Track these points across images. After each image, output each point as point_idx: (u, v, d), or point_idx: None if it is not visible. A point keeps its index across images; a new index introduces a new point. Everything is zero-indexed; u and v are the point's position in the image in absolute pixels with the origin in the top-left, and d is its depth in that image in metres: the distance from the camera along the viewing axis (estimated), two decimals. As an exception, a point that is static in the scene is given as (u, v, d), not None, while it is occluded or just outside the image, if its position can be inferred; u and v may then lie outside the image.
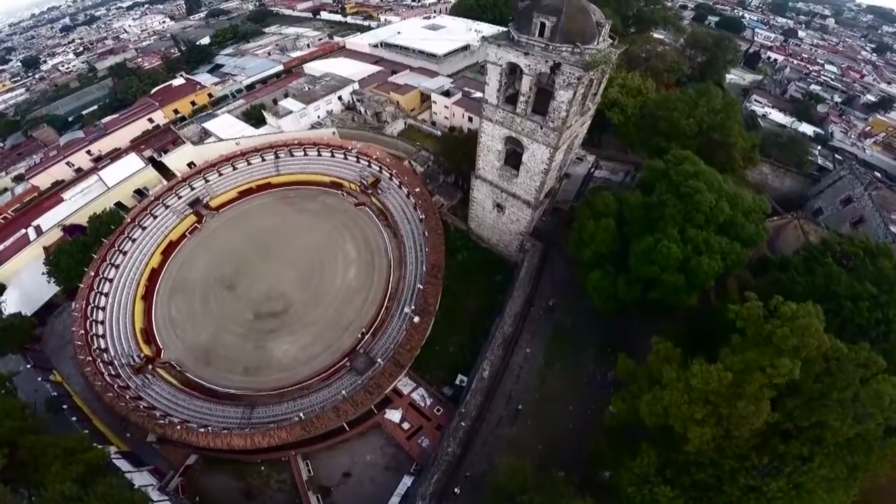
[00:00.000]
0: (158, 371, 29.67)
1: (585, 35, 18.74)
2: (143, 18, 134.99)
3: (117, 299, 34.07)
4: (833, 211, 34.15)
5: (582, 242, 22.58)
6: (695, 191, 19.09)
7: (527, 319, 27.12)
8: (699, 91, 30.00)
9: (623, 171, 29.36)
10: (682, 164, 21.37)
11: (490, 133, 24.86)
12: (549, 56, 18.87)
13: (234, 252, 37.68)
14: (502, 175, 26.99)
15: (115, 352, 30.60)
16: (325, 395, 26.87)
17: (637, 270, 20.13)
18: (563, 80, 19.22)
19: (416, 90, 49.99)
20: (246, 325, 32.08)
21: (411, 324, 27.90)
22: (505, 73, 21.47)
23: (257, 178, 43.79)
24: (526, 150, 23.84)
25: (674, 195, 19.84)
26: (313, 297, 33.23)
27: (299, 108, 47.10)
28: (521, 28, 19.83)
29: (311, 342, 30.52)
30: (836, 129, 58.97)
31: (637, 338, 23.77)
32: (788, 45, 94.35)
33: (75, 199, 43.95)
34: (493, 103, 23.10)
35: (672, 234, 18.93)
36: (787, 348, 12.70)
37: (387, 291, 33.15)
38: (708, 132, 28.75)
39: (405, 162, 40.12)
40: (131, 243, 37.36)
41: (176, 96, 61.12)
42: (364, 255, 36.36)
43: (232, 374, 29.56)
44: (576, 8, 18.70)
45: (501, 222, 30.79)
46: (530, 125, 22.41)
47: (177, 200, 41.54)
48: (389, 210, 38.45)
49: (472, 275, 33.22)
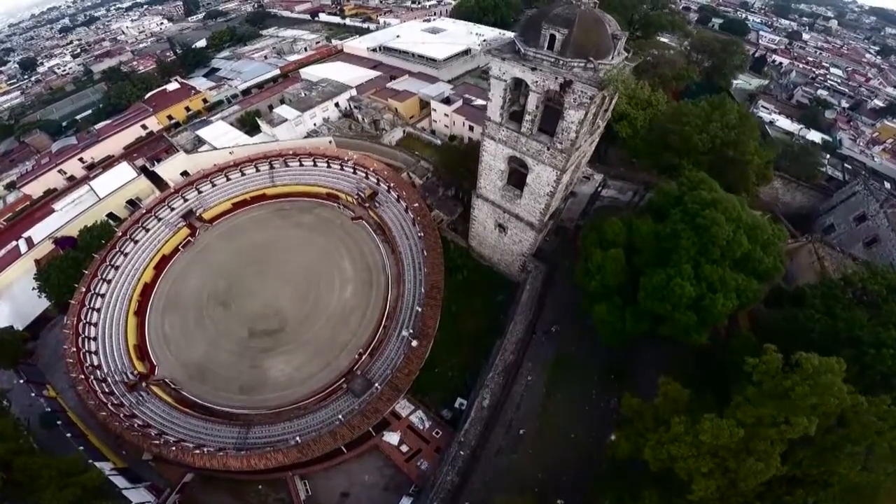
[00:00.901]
0: (153, 388, 28.62)
1: (600, 49, 16.79)
2: (141, 20, 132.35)
3: (110, 315, 32.85)
4: (846, 228, 32.26)
5: (588, 272, 21.03)
6: (712, 223, 17.35)
7: (529, 346, 25.88)
8: (713, 104, 28.01)
9: (632, 191, 27.47)
10: (698, 189, 19.54)
11: (492, 152, 22.95)
12: (560, 72, 16.93)
13: (228, 267, 36.25)
14: (505, 195, 25.13)
15: (109, 368, 29.49)
16: (322, 417, 25.90)
17: (646, 306, 18.68)
18: (574, 98, 17.30)
19: (416, 97, 47.97)
20: (241, 343, 30.92)
21: (409, 347, 26.70)
22: (510, 88, 19.54)
23: (251, 190, 41.93)
24: (531, 172, 21.97)
25: (689, 226, 18.07)
26: (309, 315, 32.02)
27: (294, 116, 45.12)
28: (528, 40, 17.85)
29: (307, 362, 29.40)
30: (845, 137, 56.94)
31: (642, 364, 23.26)
32: (793, 47, 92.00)
33: (67, 210, 42.45)
34: (496, 121, 21.18)
35: (686, 270, 17.46)
36: (804, 406, 12.12)
37: (384, 310, 31.72)
38: (722, 149, 26.80)
39: (403, 174, 38.18)
40: (123, 258, 35.92)
41: (170, 102, 59.08)
42: (361, 273, 34.76)
43: (227, 393, 28.50)
44: (589, 19, 16.72)
45: (503, 242, 28.97)
46: (536, 146, 20.53)
47: (169, 212, 39.82)
48: (387, 224, 36.63)
49: (472, 294, 31.66)
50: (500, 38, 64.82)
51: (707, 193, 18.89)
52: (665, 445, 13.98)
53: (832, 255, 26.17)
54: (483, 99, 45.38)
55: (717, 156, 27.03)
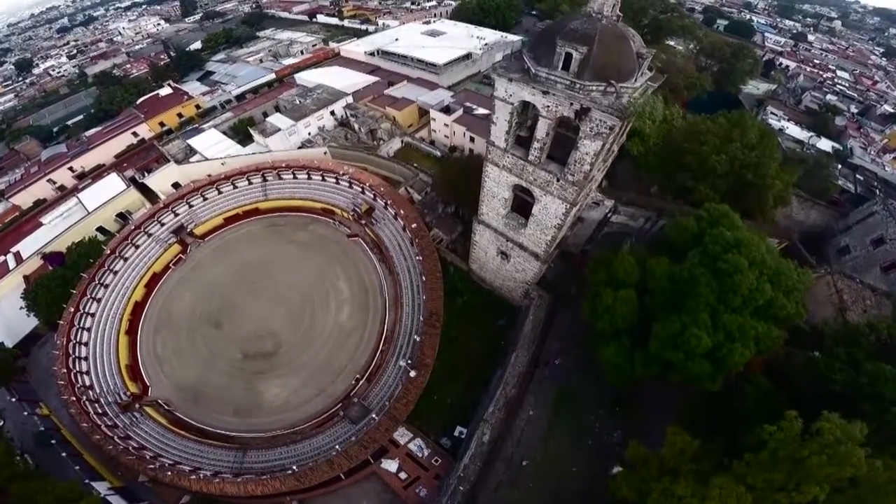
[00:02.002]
0: (146, 410, 27.53)
1: (622, 70, 14.36)
2: (138, 20, 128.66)
3: (100, 335, 31.49)
4: (862, 251, 29.82)
5: (596, 310, 19.38)
6: (734, 269, 15.62)
7: (531, 381, 24.70)
8: (732, 121, 25.57)
9: (644, 217, 25.10)
10: (719, 226, 17.66)
11: (495, 178, 20.56)
12: (576, 97, 14.51)
13: (220, 286, 34.47)
14: (508, 224, 22.80)
15: (101, 389, 28.36)
16: (319, 443, 24.96)
17: (658, 354, 17.23)
18: (591, 128, 14.91)
19: (414, 104, 45.34)
20: (235, 365, 29.63)
21: (407, 377, 25.32)
22: (517, 111, 17.08)
23: (244, 204, 39.57)
24: (537, 202, 19.62)
25: (708, 270, 16.28)
26: (304, 338, 30.55)
27: (288, 126, 42.56)
28: (539, 58, 15.36)
29: (302, 386, 28.14)
30: (856, 145, 54.26)
31: (649, 395, 22.46)
32: (799, 49, 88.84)
33: (55, 224, 40.44)
34: (501, 147, 18.78)
35: (703, 318, 15.94)
36: (819, 475, 11.71)
37: (382, 334, 30.04)
38: (741, 171, 24.43)
39: (401, 189, 35.75)
40: (113, 275, 34.16)
41: (162, 108, 56.38)
42: (358, 295, 32.86)
43: (222, 415, 27.43)
44: (612, 35, 14.24)
45: (505, 269, 26.72)
46: (544, 176, 18.18)
47: (160, 228, 37.57)
48: (384, 243, 34.34)
49: (472, 318, 29.81)
50: (501, 42, 61.98)
51: (730, 233, 16.94)
52: (669, 499, 13.53)
53: (851, 287, 24.24)
54: (485, 108, 42.83)
55: (736, 179, 24.67)
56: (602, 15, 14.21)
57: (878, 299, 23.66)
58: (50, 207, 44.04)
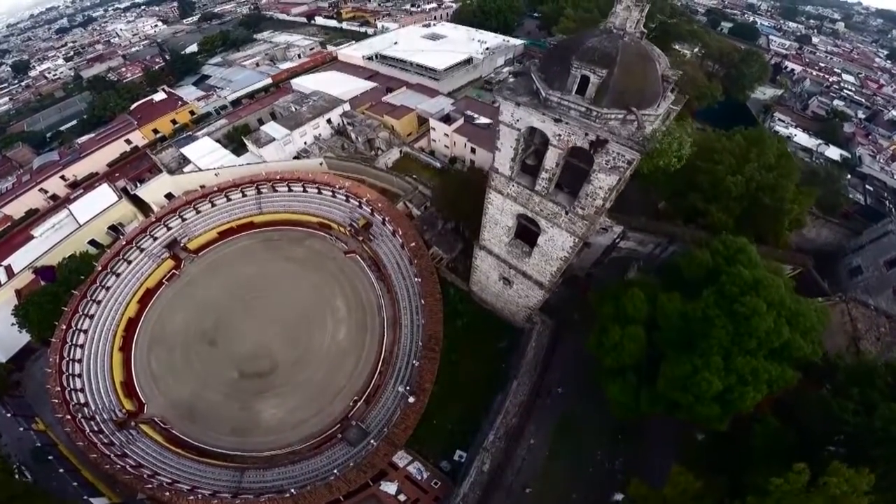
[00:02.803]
0: (142, 427, 26.84)
1: (645, 95, 12.62)
2: (136, 22, 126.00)
3: (94, 351, 30.58)
4: (874, 273, 28.38)
5: (603, 347, 18.42)
6: (752, 312, 14.71)
7: (533, 410, 24.22)
8: (750, 139, 23.76)
9: (653, 244, 23.41)
10: (736, 263, 16.54)
11: (499, 206, 18.85)
12: (592, 127, 12.76)
13: (214, 303, 33.23)
14: (511, 251, 21.12)
15: (96, 406, 27.67)
16: (317, 465, 24.40)
17: (666, 393, 16.53)
18: (607, 161, 13.18)
19: (413, 112, 43.44)
20: (231, 384, 28.82)
21: (406, 403, 24.42)
22: (523, 136, 15.31)
23: (238, 217, 37.86)
24: (543, 233, 17.95)
25: (724, 312, 15.32)
26: (301, 357, 29.58)
27: (283, 135, 40.71)
28: (550, 79, 13.53)
29: (299, 406, 27.42)
30: (865, 153, 52.38)
31: (650, 425, 21.76)
32: (804, 52, 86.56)
33: (47, 236, 39.00)
34: (506, 174, 17.02)
35: (716, 362, 15.14)
36: None
37: (380, 355, 28.92)
38: (757, 193, 22.65)
39: (400, 203, 34.00)
40: (105, 291, 32.91)
41: (156, 114, 54.43)
42: (355, 314, 31.54)
43: (219, 434, 26.82)
44: (635, 56, 12.44)
45: (507, 294, 25.13)
46: (552, 207, 16.50)
47: (152, 242, 35.97)
48: (382, 260, 32.69)
49: (472, 340, 28.66)
50: (503, 46, 59.86)
51: (748, 272, 15.75)
52: None
53: (866, 315, 22.90)
54: (486, 116, 40.92)
55: (751, 202, 22.89)
56: (624, 32, 12.38)
57: (893, 326, 22.31)
58: (41, 219, 42.52)
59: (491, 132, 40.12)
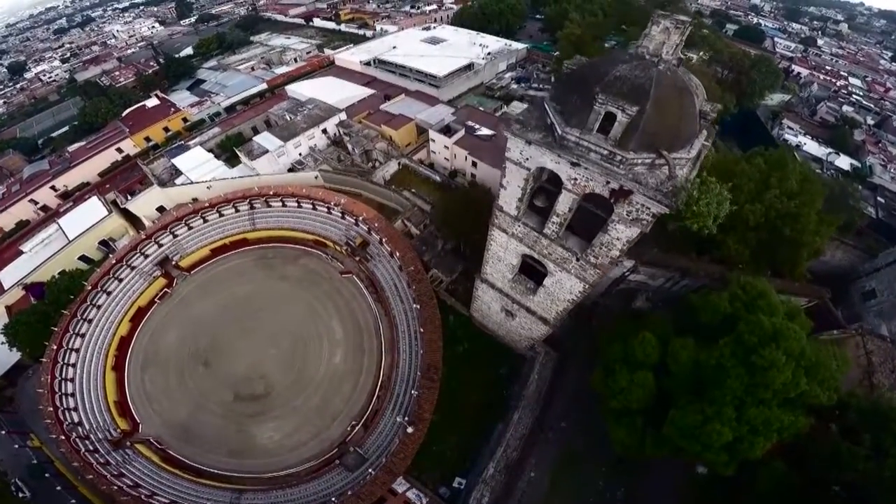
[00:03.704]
0: (137, 447, 26.02)
1: (680, 136, 10.57)
2: (133, 23, 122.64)
3: (86, 370, 29.51)
4: (889, 297, 27.06)
5: (609, 390, 17.62)
6: (770, 364, 13.75)
7: (534, 444, 23.36)
8: (771, 162, 21.67)
9: (664, 278, 21.49)
10: (756, 310, 15.49)
11: (502, 244, 16.85)
12: (615, 174, 10.70)
13: (208, 323, 31.75)
14: (515, 287, 19.24)
15: (90, 425, 26.80)
16: (315, 489, 23.76)
17: (673, 440, 15.76)
18: (629, 212, 11.19)
19: (412, 122, 41.24)
20: (226, 406, 27.83)
21: (404, 433, 23.43)
22: (533, 175, 13.27)
23: (231, 234, 35.89)
24: (550, 275, 16.05)
25: (740, 362, 14.39)
26: (297, 380, 28.41)
27: (276, 147, 38.57)
28: (568, 113, 11.30)
29: (296, 430, 26.41)
30: (875, 162, 50.13)
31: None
32: (809, 55, 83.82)
33: (36, 251, 37.39)
34: (511, 214, 14.94)
35: (727, 413, 14.36)
36: None
37: (378, 378, 27.71)
38: (776, 222, 20.59)
39: (398, 222, 31.99)
40: (96, 310, 31.47)
41: (148, 121, 52.25)
42: (352, 336, 29.98)
43: (215, 455, 26.23)
44: (672, 89, 10.28)
45: (510, 324, 23.39)
46: (562, 252, 14.55)
47: (143, 260, 34.16)
48: (379, 282, 30.84)
49: (472, 366, 27.45)
50: (505, 50, 57.38)
51: (768, 321, 14.56)
52: None
53: (881, 348, 21.79)
54: (488, 127, 38.74)
55: (770, 232, 20.83)
56: (659, 59, 10.27)
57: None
58: (31, 233, 40.74)
59: (493, 144, 38.16)
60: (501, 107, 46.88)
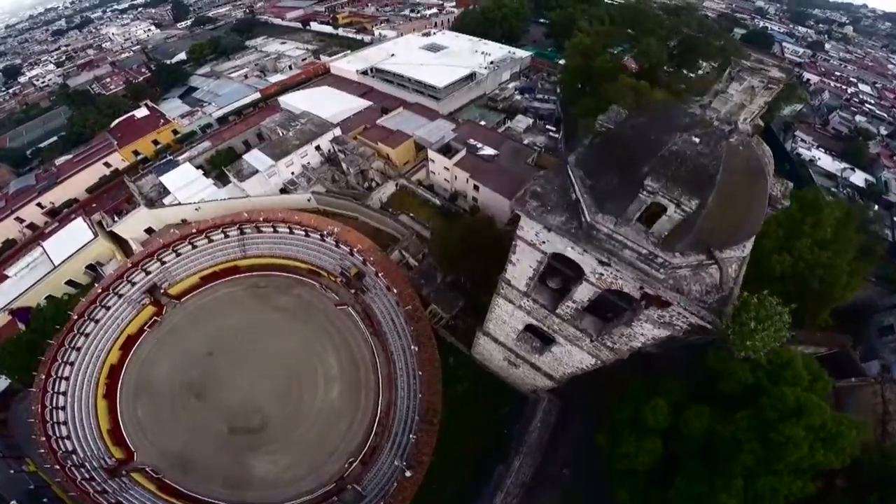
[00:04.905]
0: (134, 476, 25.37)
1: (740, 232, 8.04)
2: (129, 26, 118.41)
3: (77, 398, 28.32)
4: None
5: (615, 454, 16.54)
6: (787, 440, 13.06)
7: (535, 491, 21.99)
8: (805, 205, 18.96)
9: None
10: (781, 382, 14.04)
11: (508, 312, 14.50)
12: (652, 281, 8.12)
13: (199, 354, 30.15)
14: (520, 345, 16.93)
15: (85, 454, 25.92)
16: None
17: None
18: (661, 315, 8.69)
19: (411, 140, 38.46)
20: (221, 438, 26.99)
21: (403, 476, 22.38)
22: (548, 258, 10.68)
23: (221, 261, 33.50)
24: (559, 345, 13.78)
25: (756, 436, 13.61)
26: (293, 415, 27.36)
27: (267, 167, 35.90)
28: (599, 194, 8.65)
29: (293, 464, 25.64)
30: (891, 177, 47.29)
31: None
32: (818, 60, 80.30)
33: (22, 275, 35.60)
34: (520, 290, 12.44)
35: (737, 485, 13.70)
36: None
37: (375, 415, 26.50)
38: (804, 274, 17.95)
39: (395, 252, 29.48)
40: (84, 338, 29.81)
41: (137, 133, 49.46)
42: (348, 370, 28.34)
43: (213, 486, 25.29)
44: (742, 172, 7.88)
45: (513, 372, 21.45)
46: (575, 332, 12.24)
47: (130, 288, 32.01)
48: (376, 316, 28.60)
49: (473, 406, 25.86)
50: (508, 59, 54.13)
51: (791, 395, 13.29)
52: None
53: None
54: (491, 145, 35.91)
55: (797, 284, 18.15)
56: (734, 128, 7.66)
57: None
58: (15, 257, 38.86)
59: (496, 165, 35.34)
60: (504, 120, 44.02)
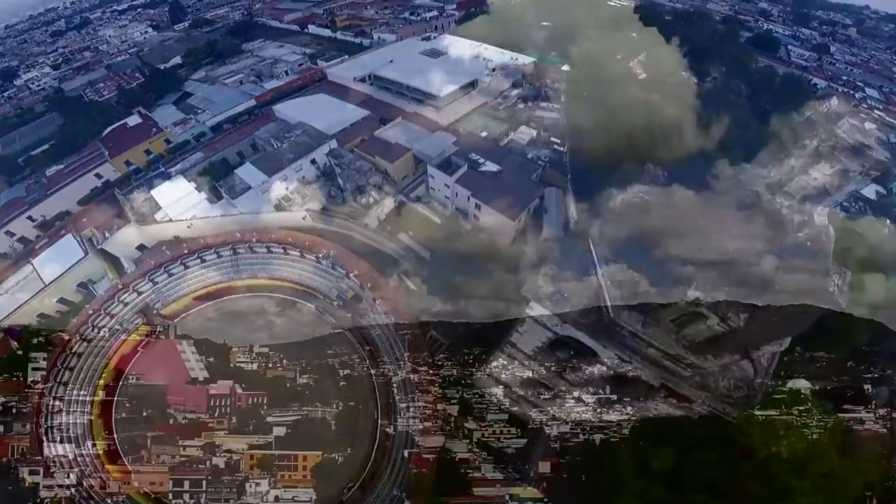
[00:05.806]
0: (132, 497, 25.70)
1: (785, 333, 8.29)
2: (126, 28, 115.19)
3: (72, 419, 27.52)
4: None
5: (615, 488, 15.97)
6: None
7: None
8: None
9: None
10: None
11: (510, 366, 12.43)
12: (677, 380, 6.97)
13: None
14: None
15: (83, 471, 25.53)
16: None
17: None
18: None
19: (410, 153, 36.51)
20: (217, 457, 26.68)
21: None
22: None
23: (214, 282, 31.86)
24: None
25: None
26: (290, 437, 26.86)
27: (259, 183, 34.07)
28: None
29: (292, 489, 25.89)
30: (905, 192, 45.19)
31: None
32: (824, 63, 77.86)
33: (13, 292, 33.97)
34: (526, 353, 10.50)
35: None
36: None
37: (375, 441, 26.16)
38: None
39: (393, 276, 27.73)
40: (77, 359, 28.74)
41: (129, 143, 47.39)
42: (346, 396, 27.26)
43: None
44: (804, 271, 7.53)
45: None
46: None
47: (122, 308, 30.79)
48: (374, 340, 26.87)
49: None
50: (512, 66, 51.84)
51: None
52: None
53: None
54: (494, 161, 33.92)
55: None
56: (806, 221, 6.97)
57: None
58: (4, 274, 36.50)
59: (500, 182, 33.37)
60: (508, 132, 41.96)
